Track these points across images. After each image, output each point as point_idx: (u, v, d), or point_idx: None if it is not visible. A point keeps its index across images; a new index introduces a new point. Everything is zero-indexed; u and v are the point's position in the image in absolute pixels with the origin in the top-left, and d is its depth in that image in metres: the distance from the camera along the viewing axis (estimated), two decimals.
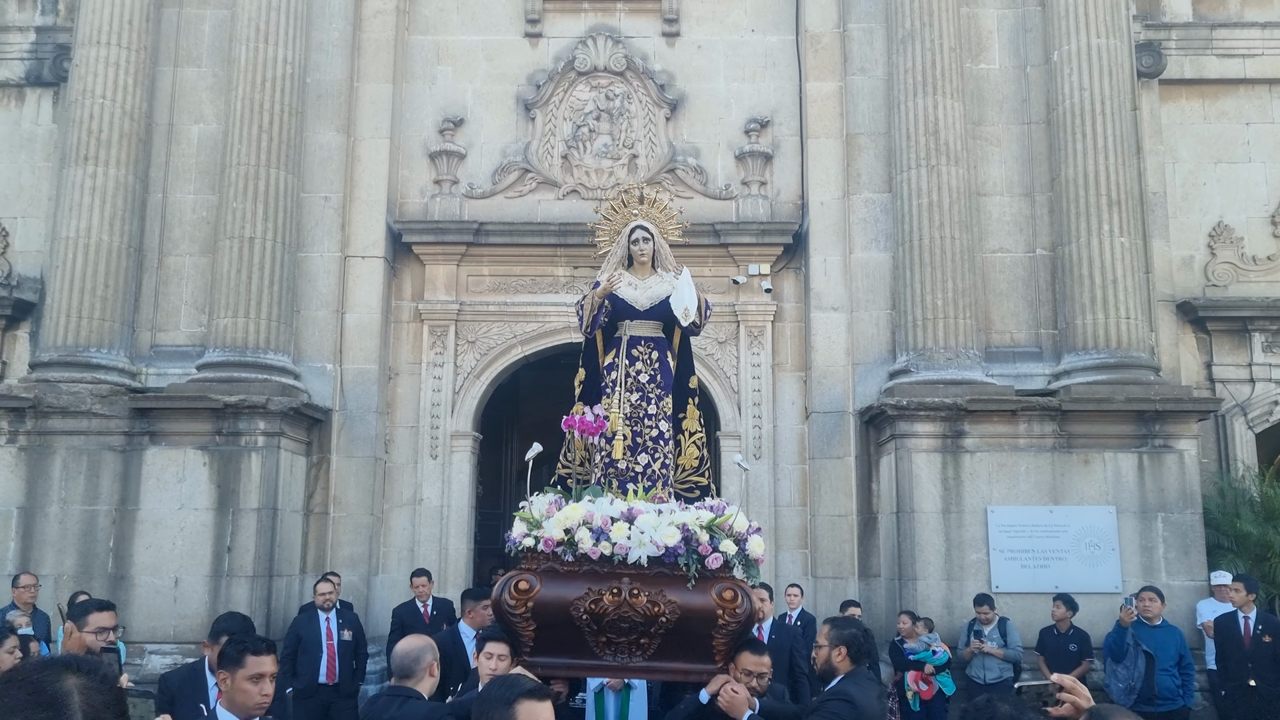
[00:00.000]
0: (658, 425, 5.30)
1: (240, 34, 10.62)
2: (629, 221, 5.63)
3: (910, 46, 10.53)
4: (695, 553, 4.45)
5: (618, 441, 5.15)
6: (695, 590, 4.45)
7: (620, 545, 4.42)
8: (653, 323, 5.46)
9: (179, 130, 10.96)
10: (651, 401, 5.32)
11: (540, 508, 4.64)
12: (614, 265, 5.59)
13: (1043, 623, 9.14)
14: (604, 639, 4.47)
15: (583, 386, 5.55)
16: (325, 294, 10.79)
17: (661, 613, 4.41)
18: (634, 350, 5.40)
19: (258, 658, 3.62)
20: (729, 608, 4.44)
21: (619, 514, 4.52)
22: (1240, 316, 11.43)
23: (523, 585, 4.44)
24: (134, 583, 9.62)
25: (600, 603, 4.40)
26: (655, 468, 5.23)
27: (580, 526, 4.47)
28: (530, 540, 4.52)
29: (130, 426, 9.89)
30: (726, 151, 11.40)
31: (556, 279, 11.29)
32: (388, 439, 11.01)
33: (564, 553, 4.46)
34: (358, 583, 10.43)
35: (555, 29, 11.71)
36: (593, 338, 5.53)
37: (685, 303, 5.29)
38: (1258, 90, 12.00)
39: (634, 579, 4.42)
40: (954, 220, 10.18)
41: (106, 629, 4.70)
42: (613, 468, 5.15)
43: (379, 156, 11.17)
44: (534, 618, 4.44)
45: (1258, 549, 10.22)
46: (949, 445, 9.81)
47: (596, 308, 5.38)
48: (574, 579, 4.46)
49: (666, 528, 4.46)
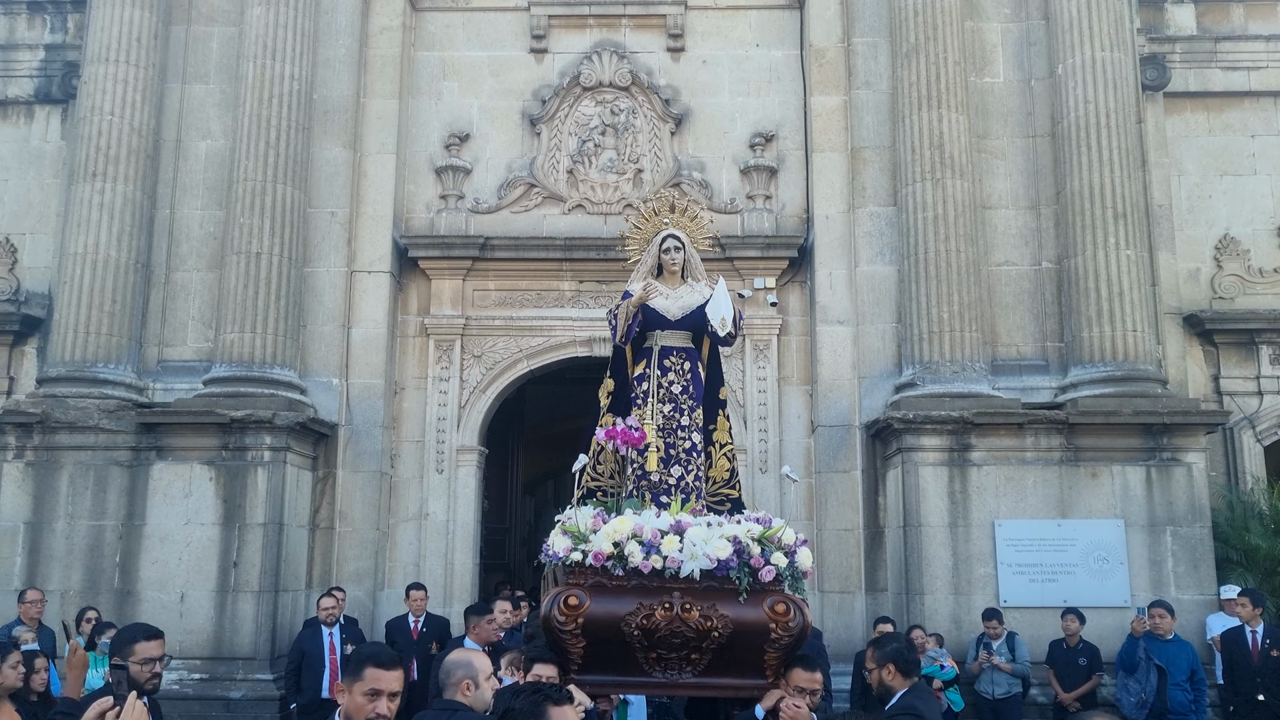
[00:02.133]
0: (690, 437, 5.24)
1: (248, 51, 10.69)
2: (659, 230, 5.57)
3: (914, 60, 10.55)
4: (747, 565, 4.36)
5: (652, 454, 5.05)
6: (747, 604, 4.36)
7: (672, 559, 4.33)
8: (684, 333, 5.40)
9: (186, 146, 11.01)
10: (684, 413, 5.26)
11: (585, 521, 4.53)
12: (644, 274, 5.52)
13: (1051, 637, 9.09)
14: (654, 655, 4.37)
15: (612, 397, 5.48)
16: (331, 309, 10.81)
17: (714, 627, 4.31)
18: (666, 361, 5.33)
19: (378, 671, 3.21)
20: (782, 621, 4.36)
21: (668, 527, 4.42)
22: (1247, 329, 11.40)
23: (572, 601, 4.32)
24: (140, 598, 9.62)
25: (652, 618, 4.30)
26: (688, 480, 5.16)
27: (630, 540, 4.36)
28: (578, 554, 4.39)
29: (137, 441, 9.90)
30: (731, 166, 11.43)
31: (562, 293, 11.30)
32: (393, 454, 11.00)
33: (613, 567, 4.35)
34: (363, 598, 10.41)
35: (560, 45, 11.77)
36: (622, 348, 5.44)
37: (723, 312, 5.20)
38: (1263, 102, 12.00)
39: (684, 593, 4.32)
40: (959, 233, 10.18)
41: (154, 659, 4.09)
42: (645, 480, 5.06)
43: (385, 172, 11.21)
44: (584, 634, 4.32)
45: (1267, 562, 10.16)
46: (955, 459, 9.78)
47: (631, 317, 5.28)
48: (623, 594, 4.34)
49: (718, 540, 4.37)
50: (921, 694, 4.50)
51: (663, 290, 5.40)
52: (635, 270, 5.63)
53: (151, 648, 4.09)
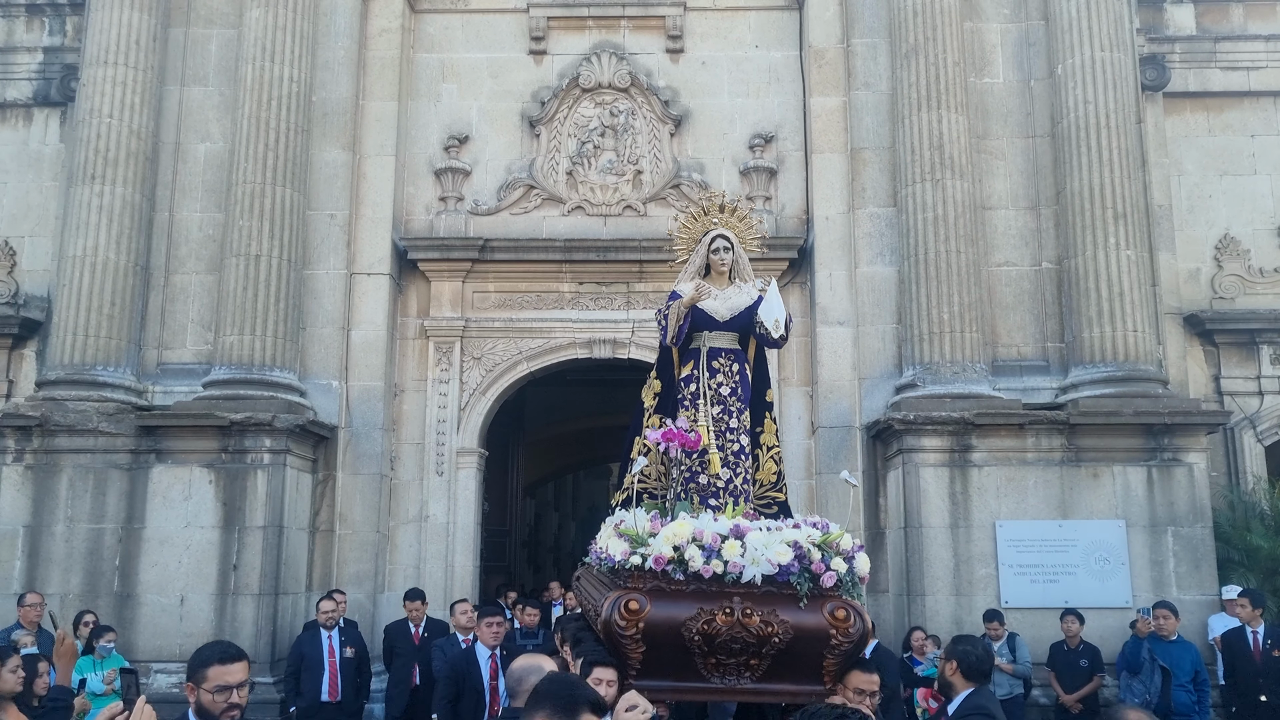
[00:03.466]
0: (739, 439, 5.19)
1: (246, 53, 10.68)
2: (708, 230, 5.50)
3: (914, 61, 10.55)
4: (808, 571, 4.31)
5: (714, 455, 4.99)
6: (807, 610, 4.30)
7: (734, 563, 4.26)
8: (731, 334, 5.33)
9: (185, 149, 11.00)
10: (733, 415, 5.21)
11: (642, 524, 4.46)
12: (692, 274, 5.45)
13: (1052, 638, 9.08)
14: (713, 661, 4.30)
15: (658, 398, 5.40)
16: (331, 311, 10.80)
17: (775, 633, 4.25)
18: (714, 362, 5.27)
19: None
20: (842, 627, 4.29)
21: (727, 531, 4.37)
22: (1248, 329, 11.41)
23: (633, 605, 4.24)
24: (140, 601, 9.60)
25: (713, 623, 4.23)
26: (737, 483, 5.11)
27: (690, 544, 4.30)
28: (637, 558, 4.32)
29: (136, 444, 9.89)
30: (731, 167, 11.42)
31: (562, 295, 11.29)
32: (393, 456, 10.99)
33: (674, 571, 4.28)
34: (364, 600, 10.40)
35: (559, 46, 11.76)
36: (670, 349, 5.37)
37: (776, 314, 5.13)
38: (1262, 102, 12.01)
39: (744, 598, 4.27)
40: (959, 234, 10.17)
41: (229, 686, 3.41)
42: (693, 482, 5.01)
43: (384, 174, 11.20)
44: (644, 639, 4.25)
45: (1269, 562, 10.15)
46: (956, 459, 9.77)
47: (683, 318, 5.20)
48: (682, 598, 4.28)
49: (779, 545, 4.31)
50: (989, 697, 4.51)
51: (711, 291, 5.33)
52: (683, 270, 5.57)
53: (231, 672, 3.44)
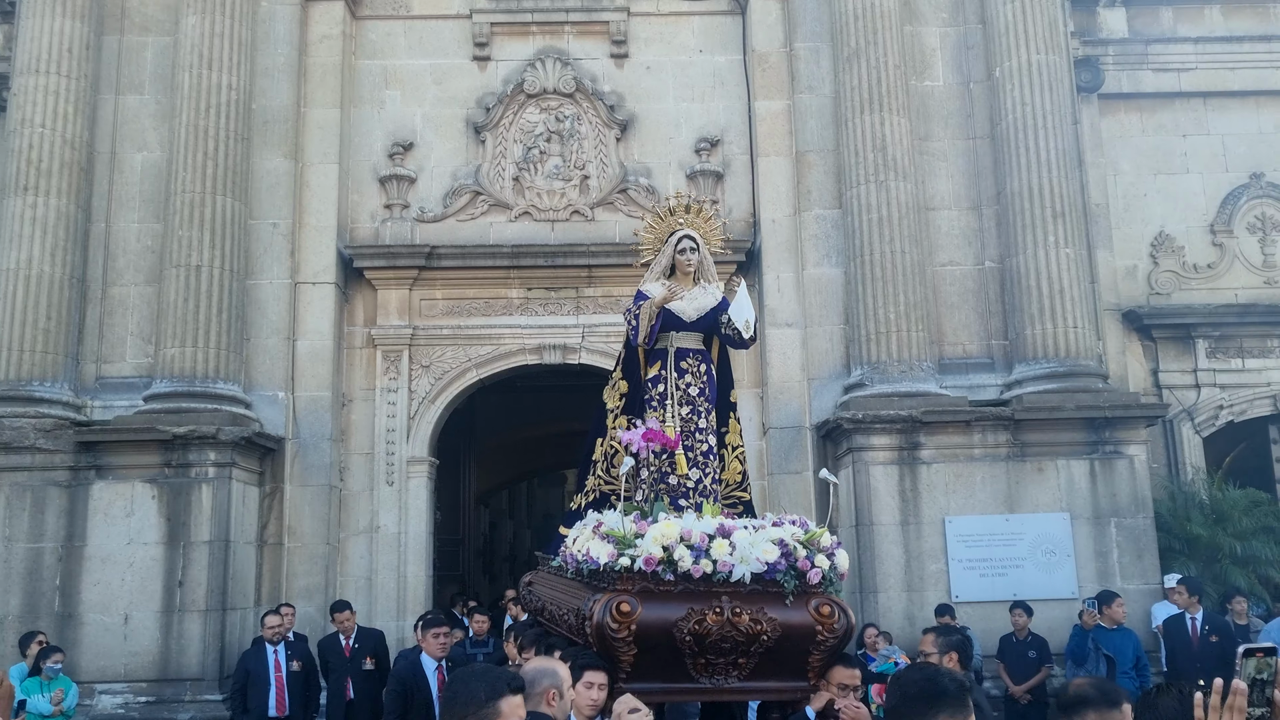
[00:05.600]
0: (707, 439, 5.20)
1: (183, 60, 10.49)
2: (674, 230, 5.51)
3: (856, 65, 10.67)
4: (794, 568, 4.35)
5: (680, 456, 4.98)
6: (793, 607, 4.34)
7: (723, 563, 4.27)
8: (698, 334, 5.36)
9: (122, 158, 10.78)
10: (701, 415, 5.22)
11: (628, 525, 4.43)
12: (657, 274, 5.46)
13: (1002, 630, 9.21)
14: (703, 661, 4.31)
15: (625, 399, 5.40)
16: (276, 321, 10.64)
17: (763, 631, 4.28)
18: (682, 363, 5.28)
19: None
20: (827, 624, 4.35)
21: (713, 530, 4.38)
22: (1184, 323, 11.69)
23: (625, 608, 4.23)
24: (82, 621, 9.37)
25: (704, 623, 4.24)
26: (706, 483, 5.13)
27: (679, 544, 4.30)
28: (625, 560, 4.30)
29: (76, 461, 9.66)
30: (678, 171, 11.45)
31: (510, 301, 11.24)
32: (342, 467, 10.85)
33: (664, 571, 4.28)
34: (314, 614, 10.23)
35: (504, 52, 11.72)
36: (635, 350, 5.36)
37: (746, 314, 5.16)
38: (1193, 103, 12.33)
39: (732, 597, 4.29)
40: (904, 235, 10.30)
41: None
42: (663, 483, 4.99)
43: (328, 182, 11.07)
44: (636, 641, 4.24)
45: (1208, 551, 10.41)
46: (905, 457, 9.89)
47: (654, 318, 5.21)
48: (670, 599, 4.28)
49: (765, 544, 4.34)
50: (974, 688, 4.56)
51: (679, 291, 5.35)
52: (648, 270, 5.56)
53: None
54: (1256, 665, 2.19)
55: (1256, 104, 12.31)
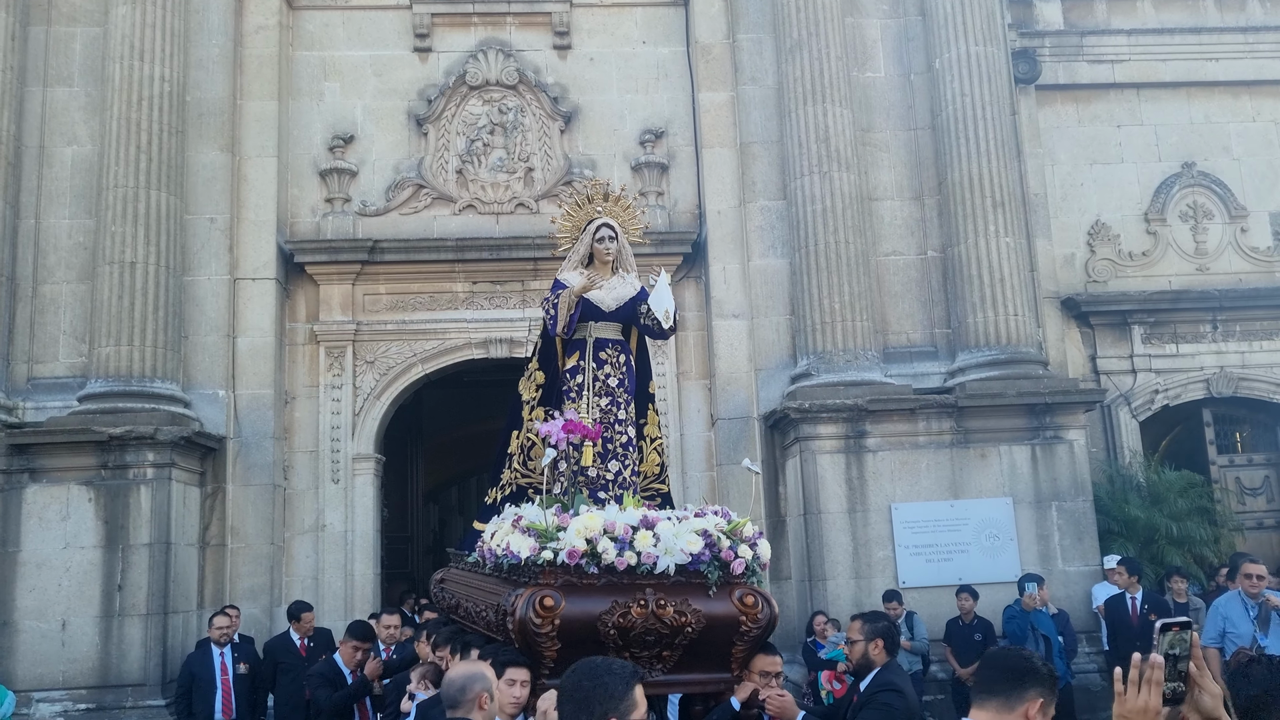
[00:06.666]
0: (626, 431, 5.14)
1: (113, 52, 10.22)
2: (592, 219, 5.42)
3: (798, 56, 10.72)
4: (718, 559, 4.33)
5: (588, 448, 4.86)
6: (716, 598, 4.32)
7: (647, 554, 4.23)
8: (616, 325, 5.28)
9: (51, 152, 10.48)
10: (620, 406, 5.15)
11: (550, 519, 4.35)
12: (575, 263, 5.35)
13: (948, 615, 9.34)
14: (627, 654, 4.23)
15: (541, 390, 5.31)
16: (214, 318, 10.42)
17: (688, 623, 4.25)
18: (601, 353, 5.21)
19: None
20: (751, 614, 4.34)
21: (637, 522, 4.33)
22: (1120, 310, 11.94)
23: (548, 602, 4.16)
24: (17, 628, 9.12)
25: (628, 616, 4.20)
26: (626, 475, 5.07)
27: (603, 536, 4.23)
28: (549, 553, 4.22)
29: (8, 464, 9.38)
30: (623, 163, 11.42)
31: (455, 295, 11.13)
32: (286, 465, 10.67)
33: (588, 565, 4.21)
34: (260, 615, 10.06)
35: (445, 43, 11.58)
36: (553, 340, 5.26)
37: (666, 304, 5.10)
38: (1126, 94, 12.57)
39: (656, 589, 4.24)
40: (847, 225, 10.38)
41: None
42: (582, 475, 4.90)
43: (266, 175, 10.85)
44: (559, 636, 4.18)
45: (1146, 532, 10.65)
46: (852, 445, 9.98)
47: (573, 307, 5.11)
48: (594, 592, 4.22)
49: (690, 535, 4.30)
50: (898, 671, 4.62)
51: (598, 280, 5.27)
52: (567, 259, 5.45)
53: None
54: (1171, 640, 2.25)
55: (1188, 95, 12.59)
